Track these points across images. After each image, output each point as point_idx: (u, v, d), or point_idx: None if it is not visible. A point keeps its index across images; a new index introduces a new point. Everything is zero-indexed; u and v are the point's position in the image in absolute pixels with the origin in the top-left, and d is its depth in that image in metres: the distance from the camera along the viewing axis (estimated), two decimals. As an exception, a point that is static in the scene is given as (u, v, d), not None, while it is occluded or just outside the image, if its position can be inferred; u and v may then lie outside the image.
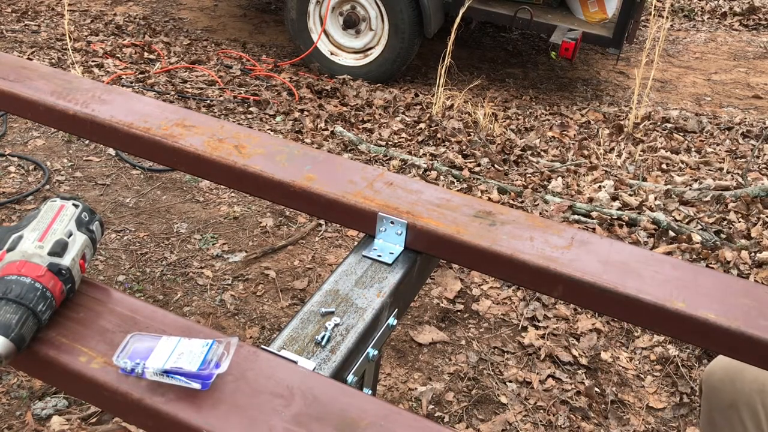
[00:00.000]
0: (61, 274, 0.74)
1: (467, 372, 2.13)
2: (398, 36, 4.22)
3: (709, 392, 1.10)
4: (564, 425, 1.97)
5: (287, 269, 2.53)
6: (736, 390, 1.05)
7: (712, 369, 1.10)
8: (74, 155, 3.13)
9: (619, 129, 3.90)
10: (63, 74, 1.25)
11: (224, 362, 0.69)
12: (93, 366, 0.71)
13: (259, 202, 2.90)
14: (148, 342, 0.72)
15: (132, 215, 2.75)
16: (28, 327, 0.70)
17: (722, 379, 1.08)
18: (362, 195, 1.01)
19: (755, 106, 4.62)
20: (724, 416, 1.07)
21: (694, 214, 2.91)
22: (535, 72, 5.00)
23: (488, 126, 3.75)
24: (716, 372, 1.09)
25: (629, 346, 2.30)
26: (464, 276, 2.55)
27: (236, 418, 0.67)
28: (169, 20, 5.32)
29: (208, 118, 1.17)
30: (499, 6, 4.29)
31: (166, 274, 2.44)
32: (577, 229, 0.99)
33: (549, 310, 2.40)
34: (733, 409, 1.05)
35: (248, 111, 3.72)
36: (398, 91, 4.29)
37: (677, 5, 6.53)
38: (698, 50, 5.65)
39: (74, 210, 0.82)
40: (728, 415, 1.06)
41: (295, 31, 4.45)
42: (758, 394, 1.02)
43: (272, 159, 1.07)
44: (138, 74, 4.03)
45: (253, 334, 2.22)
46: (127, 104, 1.17)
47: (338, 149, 3.39)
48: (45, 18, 4.93)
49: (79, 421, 1.83)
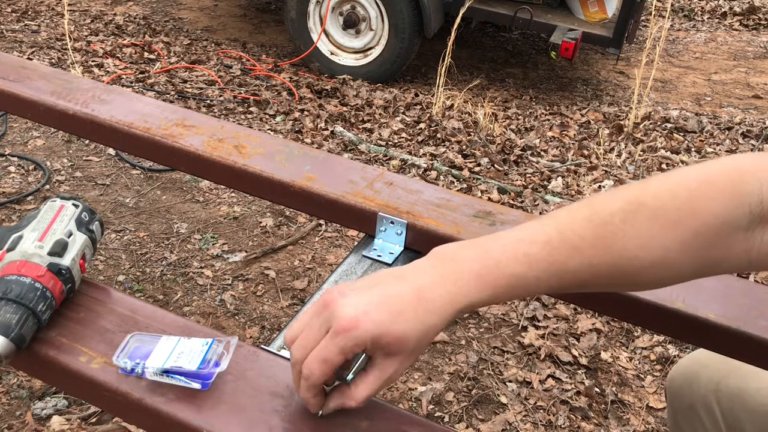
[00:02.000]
0: (61, 274, 0.74)
1: (467, 372, 2.14)
2: (398, 36, 4.22)
3: (671, 397, 1.14)
4: (564, 425, 1.97)
5: (287, 269, 2.53)
6: (693, 392, 1.08)
7: (672, 375, 1.14)
8: (74, 155, 3.13)
9: (619, 129, 3.90)
10: (63, 74, 1.25)
11: (224, 361, 0.69)
12: (93, 366, 0.71)
13: (259, 202, 2.90)
14: (148, 342, 0.72)
15: (132, 215, 2.75)
16: (28, 327, 0.70)
17: (681, 384, 1.11)
18: (362, 195, 1.01)
19: (755, 106, 4.62)
20: (685, 418, 1.10)
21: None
22: (535, 72, 5.00)
23: (488, 126, 3.75)
24: (676, 378, 1.13)
25: (629, 346, 2.30)
26: (464, 276, 2.54)
27: (236, 418, 0.67)
28: (169, 20, 5.32)
29: (208, 118, 1.17)
30: (499, 6, 4.29)
31: (166, 274, 2.44)
32: (577, 229, 0.99)
33: (549, 310, 2.41)
34: (693, 411, 1.08)
35: (248, 111, 3.72)
36: (398, 91, 4.29)
37: (677, 5, 6.53)
38: (698, 50, 5.65)
39: (74, 210, 0.82)
40: (689, 417, 1.09)
41: (295, 31, 4.45)
42: (713, 394, 1.05)
43: (272, 159, 1.07)
44: (138, 74, 4.03)
45: (253, 334, 2.22)
46: (127, 104, 1.17)
47: (338, 149, 3.39)
48: (45, 18, 4.93)
49: (79, 421, 1.83)
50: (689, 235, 0.64)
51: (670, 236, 0.64)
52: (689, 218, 0.64)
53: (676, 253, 0.64)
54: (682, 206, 0.64)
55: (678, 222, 0.64)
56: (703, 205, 0.64)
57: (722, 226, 0.63)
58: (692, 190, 0.65)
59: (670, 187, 0.66)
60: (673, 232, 0.64)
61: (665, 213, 0.64)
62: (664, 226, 0.64)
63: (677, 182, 0.66)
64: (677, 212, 0.64)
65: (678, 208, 0.64)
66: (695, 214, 0.64)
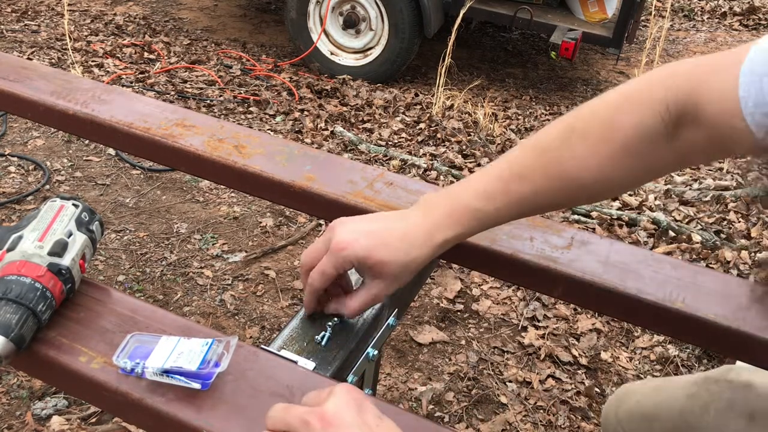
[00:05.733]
0: (61, 274, 0.74)
1: (467, 372, 2.13)
2: (398, 36, 4.22)
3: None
4: (564, 425, 1.97)
5: (287, 269, 2.53)
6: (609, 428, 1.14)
7: (606, 413, 1.18)
8: (74, 155, 3.13)
9: (619, 129, 3.89)
10: (63, 74, 1.25)
11: (224, 361, 0.69)
12: (93, 366, 0.71)
13: (259, 202, 2.90)
14: (147, 342, 0.72)
15: (132, 215, 2.75)
16: (28, 327, 0.70)
17: (603, 423, 1.17)
18: (362, 195, 1.00)
19: (755, 106, 4.61)
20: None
21: (694, 214, 2.91)
22: (535, 72, 5.00)
23: (488, 126, 3.75)
24: (604, 416, 1.18)
25: (629, 346, 2.30)
26: (464, 276, 2.55)
27: (236, 418, 0.67)
28: (169, 20, 5.32)
29: (207, 118, 1.17)
30: (499, 6, 4.29)
31: (166, 274, 2.44)
32: (577, 229, 0.99)
33: (549, 310, 2.41)
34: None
35: (248, 111, 3.72)
36: (398, 91, 4.29)
37: (677, 5, 6.53)
38: (698, 50, 5.65)
39: (74, 210, 0.82)
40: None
41: (295, 31, 4.45)
42: (618, 424, 1.11)
43: (272, 159, 1.07)
44: (138, 74, 4.03)
45: (253, 334, 2.22)
46: (127, 104, 1.17)
47: (338, 149, 3.39)
48: (45, 18, 4.93)
49: (79, 421, 1.83)
50: (617, 149, 0.70)
51: (602, 153, 0.70)
52: (612, 133, 0.70)
53: (610, 168, 0.70)
54: (604, 123, 0.70)
55: (603, 139, 0.70)
56: (622, 119, 0.70)
57: (643, 135, 0.69)
58: (611, 108, 0.71)
59: (593, 108, 0.73)
60: (602, 149, 0.70)
61: (592, 132, 0.71)
62: (594, 145, 0.70)
63: (599, 103, 0.73)
64: (601, 130, 0.70)
65: (601, 125, 0.70)
66: (617, 129, 0.70)
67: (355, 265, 0.75)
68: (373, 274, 0.75)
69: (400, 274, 0.75)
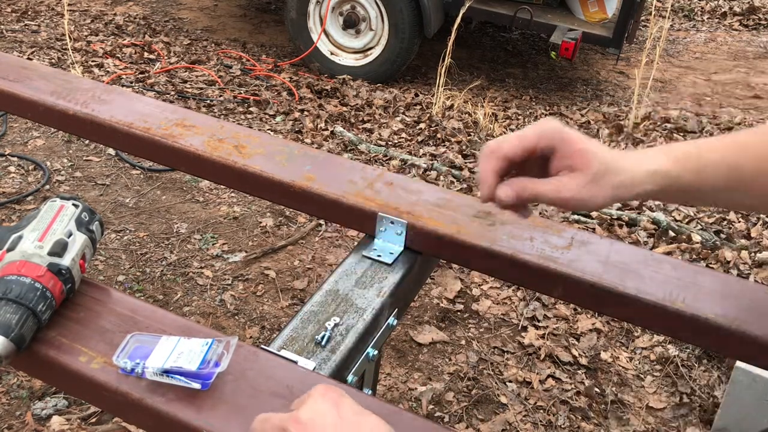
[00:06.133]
0: (61, 274, 0.74)
1: (467, 372, 2.13)
2: (398, 36, 4.22)
3: None
4: (564, 425, 1.97)
5: (287, 269, 2.53)
6: None
7: None
8: (74, 155, 3.13)
9: (619, 129, 3.90)
10: (63, 74, 1.25)
11: (224, 361, 0.69)
12: (93, 366, 0.71)
13: (259, 202, 2.90)
14: (148, 342, 0.72)
15: (132, 215, 2.75)
16: (28, 327, 0.70)
17: None
18: (362, 195, 1.00)
19: (755, 106, 4.62)
20: None
21: (694, 214, 2.91)
22: (535, 72, 5.00)
23: (488, 126, 3.75)
24: None
25: (629, 346, 2.30)
26: (464, 276, 2.55)
27: (236, 418, 0.67)
28: (169, 20, 5.32)
29: (207, 118, 1.17)
30: (499, 6, 4.28)
31: (166, 274, 2.44)
32: (577, 230, 0.99)
33: (549, 310, 2.40)
34: None
35: (248, 111, 3.72)
36: (398, 91, 4.29)
37: (677, 5, 6.53)
38: (698, 50, 5.65)
39: (74, 210, 0.82)
40: None
41: (295, 31, 4.45)
42: None
43: (272, 159, 1.07)
44: (138, 74, 4.03)
45: (253, 334, 2.21)
46: (127, 104, 1.17)
47: (338, 149, 3.39)
48: (45, 18, 4.93)
49: (79, 421, 1.83)
50: None
51: None
52: None
53: None
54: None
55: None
56: None
57: None
58: None
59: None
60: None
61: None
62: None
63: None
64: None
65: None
66: None
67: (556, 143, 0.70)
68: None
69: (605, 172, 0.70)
